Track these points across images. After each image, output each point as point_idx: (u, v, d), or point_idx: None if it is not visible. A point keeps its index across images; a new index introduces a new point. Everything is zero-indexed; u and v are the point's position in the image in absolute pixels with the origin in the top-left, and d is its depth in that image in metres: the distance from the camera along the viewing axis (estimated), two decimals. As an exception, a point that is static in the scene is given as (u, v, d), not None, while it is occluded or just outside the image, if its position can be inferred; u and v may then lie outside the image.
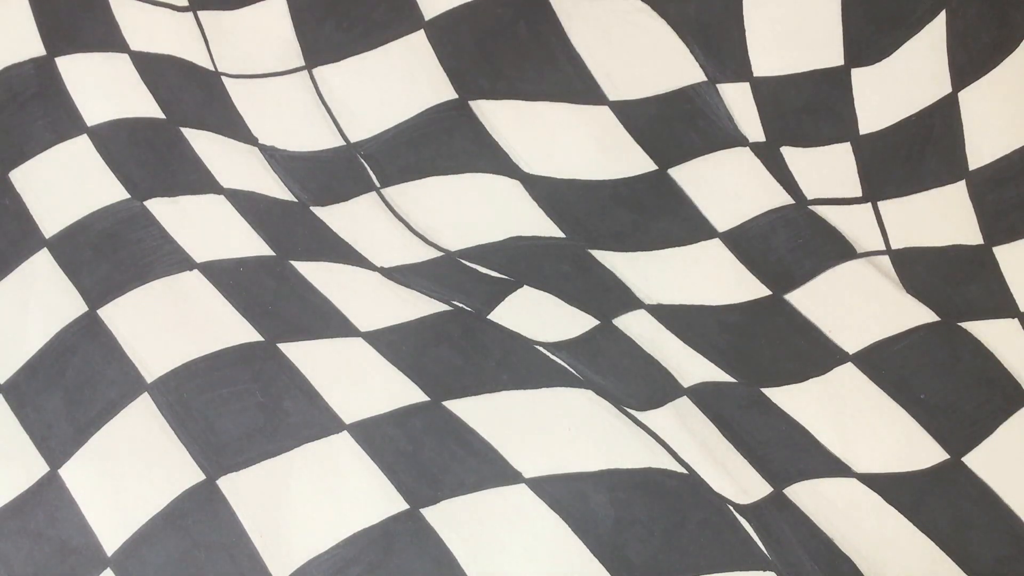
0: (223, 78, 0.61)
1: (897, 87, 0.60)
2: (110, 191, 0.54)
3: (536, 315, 0.54)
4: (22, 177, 0.54)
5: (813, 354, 0.54)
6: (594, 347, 0.53)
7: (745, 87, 0.61)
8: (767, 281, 0.57)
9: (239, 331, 0.49)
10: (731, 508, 0.46)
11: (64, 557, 0.44)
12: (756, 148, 0.61)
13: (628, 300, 0.56)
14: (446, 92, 0.61)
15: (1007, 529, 0.48)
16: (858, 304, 0.56)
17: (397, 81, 0.61)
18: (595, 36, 0.61)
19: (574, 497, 0.45)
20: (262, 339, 0.49)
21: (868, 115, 0.60)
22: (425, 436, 0.47)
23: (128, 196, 0.54)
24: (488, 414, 0.48)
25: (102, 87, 0.56)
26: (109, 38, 0.58)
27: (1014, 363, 0.53)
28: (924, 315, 0.55)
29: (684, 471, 0.47)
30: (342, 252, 0.56)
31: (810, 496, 0.48)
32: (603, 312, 0.55)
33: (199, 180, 0.56)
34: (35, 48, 0.56)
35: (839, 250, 0.58)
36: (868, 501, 0.49)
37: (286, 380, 0.48)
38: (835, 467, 0.50)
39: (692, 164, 0.61)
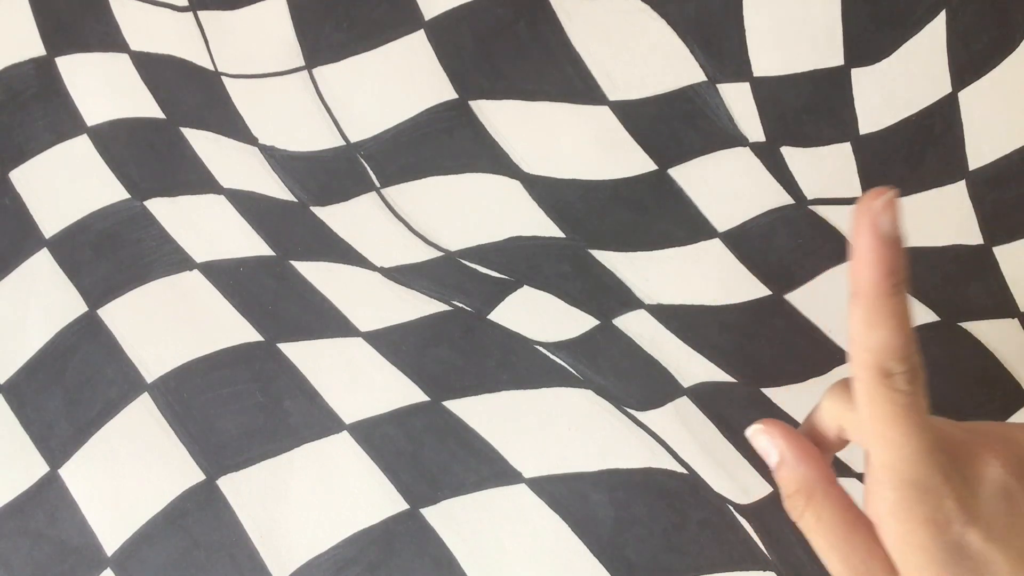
0: (223, 78, 0.61)
1: (897, 87, 0.60)
2: (110, 191, 0.54)
3: (536, 315, 0.54)
4: (22, 177, 0.54)
5: (813, 354, 0.54)
6: (594, 347, 0.53)
7: (745, 87, 0.61)
8: (767, 281, 0.57)
9: (239, 331, 0.49)
10: (731, 508, 0.46)
11: (64, 557, 0.44)
12: (756, 148, 0.61)
13: (628, 300, 0.56)
14: (446, 92, 0.61)
15: (1007, 529, 0.48)
16: (858, 304, 0.56)
17: (397, 81, 0.61)
18: (595, 36, 0.61)
19: (574, 497, 0.45)
20: (262, 339, 0.49)
21: (868, 115, 0.60)
22: (425, 436, 0.47)
23: (128, 196, 0.54)
24: (488, 414, 0.48)
25: (102, 87, 0.56)
26: (109, 38, 0.58)
27: (1014, 363, 0.53)
28: (924, 315, 0.55)
29: (684, 471, 0.47)
30: (342, 252, 0.56)
31: (810, 496, 0.48)
32: (603, 312, 0.55)
33: (199, 180, 0.56)
34: (35, 48, 0.56)
35: (839, 250, 0.58)
36: (868, 501, 0.49)
37: (286, 380, 0.48)
38: (835, 467, 0.50)
39: (692, 164, 0.60)
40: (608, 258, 0.58)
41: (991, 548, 0.30)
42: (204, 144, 0.58)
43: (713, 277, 0.58)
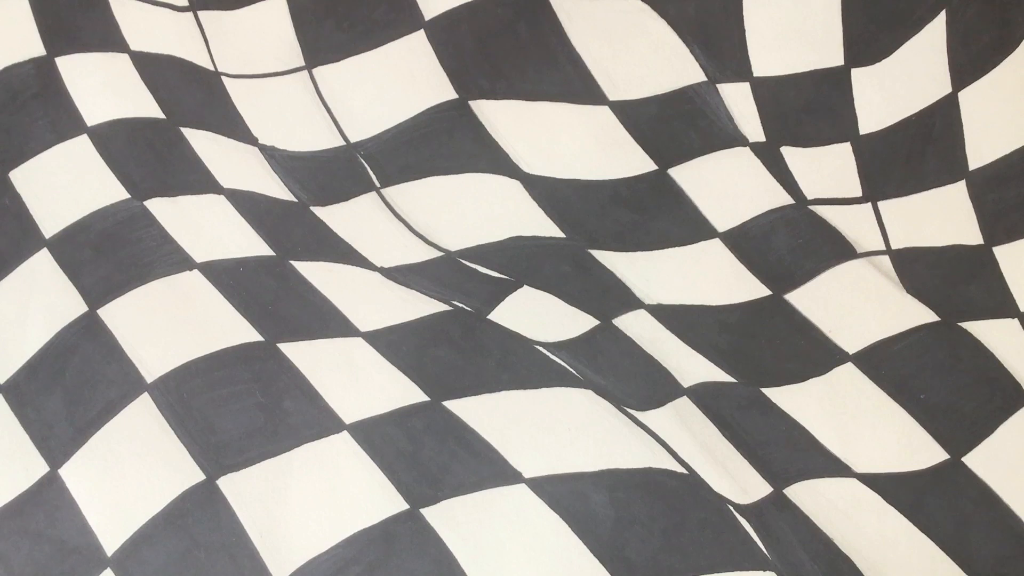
0: (223, 78, 0.61)
1: (897, 87, 0.60)
2: (110, 191, 0.54)
3: (536, 315, 0.54)
4: (22, 177, 0.54)
5: (813, 354, 0.54)
6: (594, 347, 0.53)
7: (745, 87, 0.61)
8: (767, 281, 0.57)
9: (239, 331, 0.49)
10: (731, 508, 0.46)
11: (64, 557, 0.44)
12: (756, 148, 0.61)
13: (628, 300, 0.56)
14: (446, 92, 0.61)
15: (1007, 529, 0.48)
16: (858, 304, 0.56)
17: (397, 81, 0.61)
18: (595, 36, 0.61)
19: (574, 497, 0.45)
20: (262, 339, 0.49)
21: (868, 115, 0.60)
22: (425, 436, 0.47)
23: (128, 196, 0.54)
24: (488, 414, 0.48)
25: (102, 87, 0.56)
26: (109, 38, 0.58)
27: (1014, 363, 0.53)
28: (924, 315, 0.55)
29: (684, 471, 0.47)
30: (342, 252, 0.56)
31: (810, 496, 0.48)
32: (603, 312, 0.55)
33: (199, 180, 0.56)
34: (35, 48, 0.56)
35: (839, 250, 0.58)
36: (868, 501, 0.49)
37: (286, 380, 0.48)
38: (835, 467, 0.50)
39: (692, 164, 0.61)
40: (608, 258, 0.58)
41: None
42: (204, 144, 0.58)
43: (713, 277, 0.58)
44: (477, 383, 0.49)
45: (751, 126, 0.61)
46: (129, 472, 0.45)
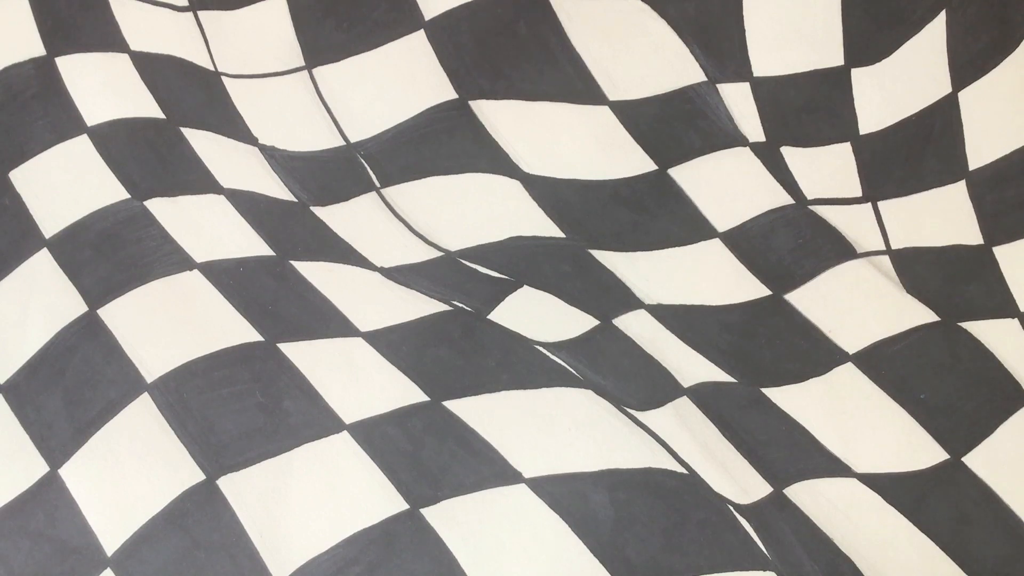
0: (223, 78, 0.61)
1: (897, 87, 0.60)
2: (110, 191, 0.54)
3: (536, 315, 0.54)
4: (22, 177, 0.54)
5: (813, 354, 0.54)
6: (594, 347, 0.53)
7: (745, 87, 0.61)
8: (767, 281, 0.57)
9: (239, 331, 0.49)
10: (731, 508, 0.46)
11: (64, 557, 0.44)
12: (756, 148, 0.61)
13: (628, 300, 0.56)
14: (446, 92, 0.61)
15: (1007, 529, 0.48)
16: (858, 304, 0.56)
17: (397, 81, 0.61)
18: (595, 36, 0.61)
19: (574, 497, 0.45)
20: (262, 339, 0.49)
21: (868, 115, 0.60)
22: (425, 436, 0.47)
23: (128, 196, 0.54)
24: (488, 414, 0.48)
25: (102, 87, 0.56)
26: (109, 38, 0.58)
27: (1014, 363, 0.53)
28: (924, 315, 0.55)
29: (684, 471, 0.47)
30: (342, 252, 0.56)
31: (810, 496, 0.48)
32: (603, 312, 0.55)
33: (199, 180, 0.56)
34: (35, 48, 0.56)
35: (839, 250, 0.58)
36: (868, 501, 0.49)
37: (286, 380, 0.48)
38: (835, 467, 0.50)
39: (692, 164, 0.61)
40: (608, 258, 0.58)
41: None
42: (204, 144, 0.58)
43: (713, 277, 0.58)
44: (477, 383, 0.49)
45: (751, 126, 0.61)
46: (129, 472, 0.45)
